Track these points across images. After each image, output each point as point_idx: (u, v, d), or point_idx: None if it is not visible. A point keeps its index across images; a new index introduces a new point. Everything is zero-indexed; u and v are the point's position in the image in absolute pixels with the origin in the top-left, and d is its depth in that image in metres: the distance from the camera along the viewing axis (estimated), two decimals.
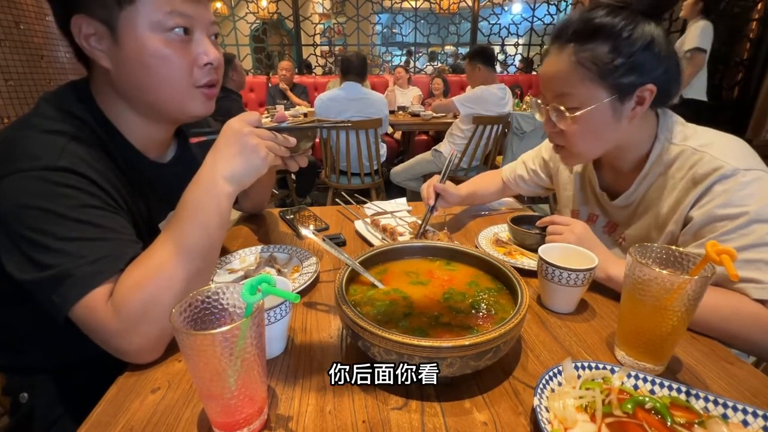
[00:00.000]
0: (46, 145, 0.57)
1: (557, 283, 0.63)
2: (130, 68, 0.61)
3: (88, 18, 0.58)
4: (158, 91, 0.63)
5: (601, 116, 0.72)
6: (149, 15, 0.59)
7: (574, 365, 0.48)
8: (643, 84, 0.69)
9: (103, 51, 0.60)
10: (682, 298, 0.47)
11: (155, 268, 0.53)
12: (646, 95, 0.70)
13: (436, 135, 4.06)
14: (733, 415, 0.43)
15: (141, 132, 0.69)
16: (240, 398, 0.41)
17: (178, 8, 0.60)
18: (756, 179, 0.65)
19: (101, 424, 0.45)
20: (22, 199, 0.53)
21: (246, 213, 1.11)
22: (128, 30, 0.59)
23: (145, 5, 0.58)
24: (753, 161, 0.68)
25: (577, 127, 0.74)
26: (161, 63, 0.61)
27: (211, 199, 0.56)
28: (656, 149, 0.77)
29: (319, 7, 7.45)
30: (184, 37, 0.62)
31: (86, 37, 0.59)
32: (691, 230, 0.70)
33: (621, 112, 0.72)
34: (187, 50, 0.63)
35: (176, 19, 0.60)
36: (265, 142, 0.59)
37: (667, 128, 0.77)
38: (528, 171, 1.15)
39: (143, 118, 0.68)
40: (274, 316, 0.51)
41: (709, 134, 0.74)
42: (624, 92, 0.70)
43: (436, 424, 0.44)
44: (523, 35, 5.53)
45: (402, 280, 0.63)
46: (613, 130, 0.74)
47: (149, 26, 0.59)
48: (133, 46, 0.59)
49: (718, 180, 0.66)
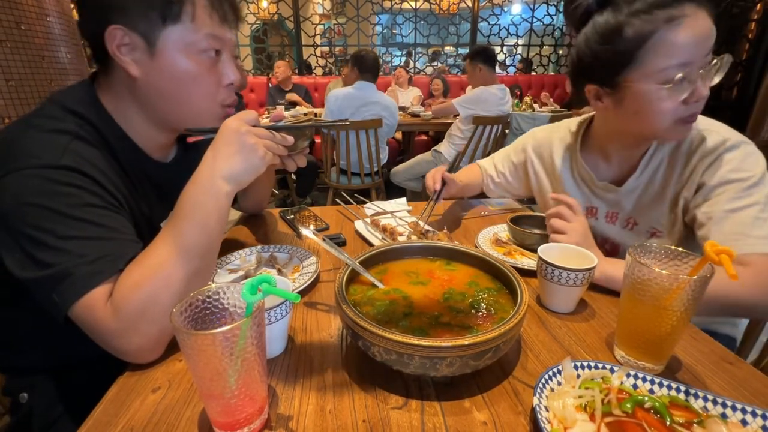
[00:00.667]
0: (49, 144, 0.57)
1: (557, 283, 0.63)
2: (161, 81, 0.64)
3: (126, 30, 0.60)
4: (183, 104, 0.67)
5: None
6: (188, 35, 0.63)
7: (573, 365, 0.48)
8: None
9: (135, 61, 0.62)
10: (682, 298, 0.47)
11: (154, 267, 0.53)
12: None
13: (436, 135, 4.07)
14: (732, 414, 0.43)
15: (147, 135, 0.71)
16: (240, 398, 0.41)
17: (215, 31, 0.65)
18: (755, 151, 0.75)
19: (102, 423, 0.45)
20: (24, 197, 0.53)
21: (246, 213, 1.11)
22: (166, 46, 0.62)
23: (187, 25, 0.62)
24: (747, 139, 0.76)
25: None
26: (192, 80, 0.65)
27: (210, 198, 0.57)
28: None
29: (319, 8, 7.46)
30: (215, 57, 0.66)
31: (119, 46, 0.61)
32: (703, 193, 0.75)
33: None
34: (215, 70, 0.67)
35: (211, 41, 0.65)
36: (264, 141, 0.59)
37: None
38: (497, 173, 1.16)
39: (153, 125, 0.70)
40: (275, 316, 0.51)
41: (705, 119, 0.80)
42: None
43: (436, 424, 0.44)
44: (522, 36, 5.54)
45: (402, 280, 0.63)
46: None
47: (186, 45, 0.63)
48: (168, 61, 0.63)
49: (727, 150, 0.74)
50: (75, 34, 1.83)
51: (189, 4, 0.62)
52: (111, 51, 0.61)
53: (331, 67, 5.77)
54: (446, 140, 2.96)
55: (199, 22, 0.63)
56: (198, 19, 0.63)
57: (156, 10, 0.60)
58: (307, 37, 5.26)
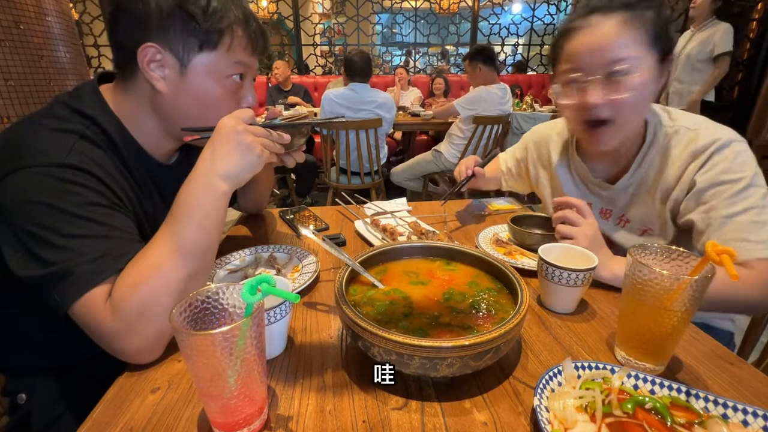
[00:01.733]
0: (55, 143, 0.58)
1: (557, 283, 0.63)
2: (185, 100, 0.67)
3: (161, 49, 0.62)
4: (202, 122, 0.68)
5: (652, 80, 0.74)
6: (220, 61, 0.66)
7: (574, 365, 0.48)
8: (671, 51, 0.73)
9: (163, 77, 0.64)
10: (682, 298, 0.47)
11: (152, 267, 0.53)
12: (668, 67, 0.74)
13: (436, 135, 4.07)
14: (733, 415, 0.43)
15: (156, 141, 0.72)
16: (240, 398, 0.41)
17: (244, 59, 0.68)
18: (746, 149, 0.74)
19: (101, 424, 0.45)
20: (28, 194, 0.53)
21: (246, 213, 1.11)
22: (196, 69, 0.65)
23: (221, 53, 0.65)
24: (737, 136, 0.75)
25: (634, 92, 0.72)
26: (216, 103, 0.68)
27: (208, 197, 0.56)
28: (650, 131, 0.80)
29: (319, 7, 7.45)
30: (239, 82, 0.70)
31: (149, 62, 0.63)
32: (694, 195, 0.74)
33: (661, 75, 0.75)
34: (237, 93, 0.70)
35: (239, 68, 0.68)
36: (260, 139, 0.59)
37: (653, 112, 0.81)
38: (507, 168, 1.19)
39: (166, 134, 0.72)
40: (274, 316, 0.51)
41: (695, 117, 0.81)
42: (663, 56, 0.73)
43: (436, 424, 0.44)
44: (523, 35, 5.53)
45: (402, 280, 0.63)
46: (653, 95, 0.76)
47: (216, 70, 0.66)
48: (195, 83, 0.66)
49: (717, 150, 0.73)
50: (74, 33, 1.83)
51: (228, 36, 0.65)
52: (141, 65, 0.62)
53: (331, 67, 5.77)
54: (446, 140, 2.96)
55: (233, 51, 0.66)
56: (233, 49, 0.66)
57: (195, 36, 0.63)
58: (306, 37, 5.25)
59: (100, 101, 0.66)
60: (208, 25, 0.63)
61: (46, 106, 0.64)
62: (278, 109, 0.90)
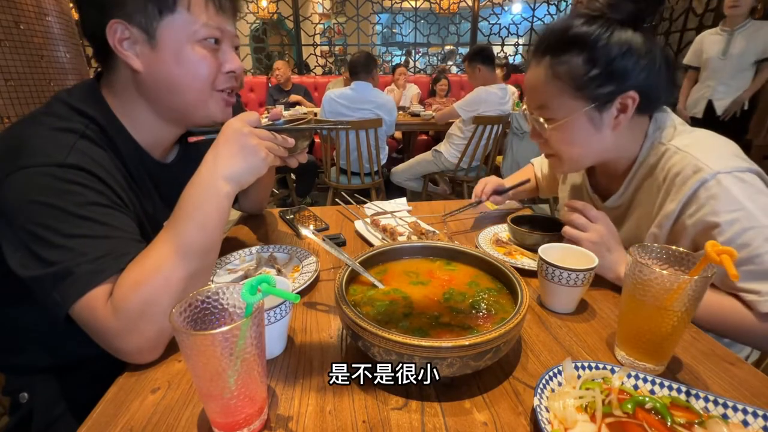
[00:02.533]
0: (55, 143, 0.58)
1: (557, 283, 0.63)
2: (163, 71, 0.65)
3: (125, 23, 0.61)
4: (186, 92, 0.67)
5: (581, 126, 0.72)
6: (186, 25, 0.63)
7: (574, 365, 0.48)
8: (624, 92, 0.69)
9: (136, 54, 0.63)
10: (683, 298, 0.47)
11: (153, 267, 0.53)
12: (629, 103, 0.70)
13: (437, 135, 4.06)
14: (733, 415, 0.43)
15: (151, 133, 0.71)
16: (240, 398, 0.41)
17: (212, 21, 0.65)
18: (738, 181, 0.63)
19: (101, 424, 0.45)
20: (29, 194, 0.53)
21: (246, 213, 1.11)
22: (165, 36, 0.63)
23: (183, 15, 0.63)
24: (733, 161, 0.66)
25: (559, 137, 0.75)
26: (193, 68, 0.66)
27: (210, 198, 0.56)
28: (644, 151, 0.76)
29: (319, 7, 7.45)
30: (214, 46, 0.67)
31: (120, 41, 0.62)
32: (687, 240, 0.68)
33: (602, 121, 0.72)
34: (215, 58, 0.68)
35: (209, 30, 0.65)
36: (265, 143, 0.60)
37: (659, 129, 0.76)
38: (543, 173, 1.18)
39: (159, 120, 0.71)
40: (274, 316, 0.51)
41: (695, 134, 0.73)
42: (603, 101, 0.70)
43: (436, 424, 0.44)
44: (523, 35, 5.53)
45: (402, 280, 0.63)
46: (596, 139, 0.74)
47: (185, 35, 0.64)
48: (169, 51, 0.64)
49: (700, 184, 0.65)
50: (74, 33, 1.83)
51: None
52: (113, 45, 0.61)
53: (331, 67, 5.76)
54: (446, 140, 2.96)
55: (195, 11, 0.63)
56: (194, 9, 0.63)
57: (151, 1, 0.61)
58: (306, 37, 5.25)
59: (99, 100, 0.66)
60: None
61: (44, 104, 0.64)
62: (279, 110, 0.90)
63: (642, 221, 0.78)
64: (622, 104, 0.70)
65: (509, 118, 2.82)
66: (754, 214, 0.61)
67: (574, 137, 0.74)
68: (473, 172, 2.92)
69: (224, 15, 0.67)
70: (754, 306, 0.62)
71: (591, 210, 0.73)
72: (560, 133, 0.74)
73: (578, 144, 0.75)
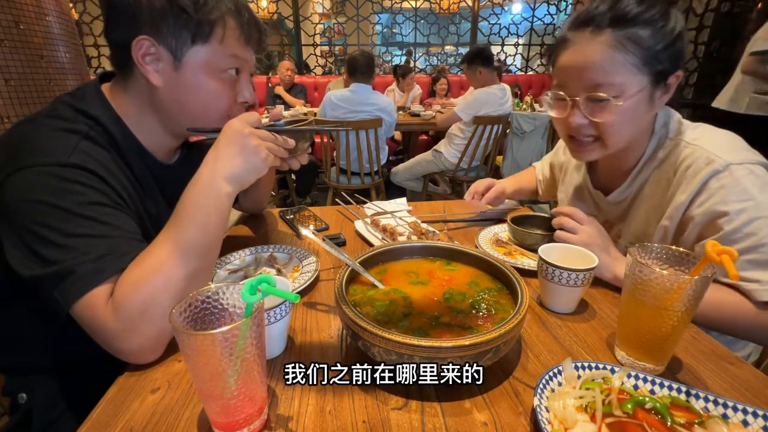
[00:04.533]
0: (58, 143, 0.58)
1: (557, 283, 0.63)
2: (182, 93, 0.66)
3: (154, 42, 0.62)
4: (198, 116, 0.68)
5: (641, 103, 0.70)
6: (214, 54, 0.65)
7: (574, 365, 0.48)
8: (675, 71, 0.69)
9: (158, 71, 0.64)
10: (683, 298, 0.47)
11: (153, 267, 0.53)
12: (673, 82, 0.70)
13: (436, 135, 4.06)
14: (733, 415, 0.43)
15: (157, 139, 0.72)
16: (240, 398, 0.41)
17: (238, 52, 0.67)
18: (749, 173, 0.65)
19: (101, 424, 0.45)
20: (31, 194, 0.53)
21: (246, 213, 1.11)
22: (191, 62, 0.65)
23: (214, 46, 0.65)
24: (744, 154, 0.68)
25: (618, 117, 0.70)
26: (211, 96, 0.68)
27: (211, 198, 0.56)
28: (652, 144, 0.77)
29: (319, 7, 7.45)
30: (234, 77, 0.69)
31: (144, 56, 0.63)
32: (694, 230, 0.69)
33: (654, 98, 0.71)
34: (233, 89, 0.70)
35: (233, 62, 0.67)
36: (266, 143, 0.60)
37: (665, 124, 0.77)
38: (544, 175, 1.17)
39: (166, 131, 0.72)
40: (274, 316, 0.51)
41: (702, 129, 0.75)
42: (660, 78, 0.70)
43: (436, 424, 0.44)
44: (523, 35, 5.53)
45: (402, 280, 0.63)
46: (645, 118, 0.73)
47: (210, 63, 0.66)
48: (190, 77, 0.65)
49: (712, 175, 0.66)
50: (74, 33, 1.82)
51: (220, 28, 0.64)
52: (135, 59, 0.62)
53: (331, 67, 5.76)
54: (446, 140, 2.96)
55: (226, 43, 0.65)
56: (226, 41, 0.65)
57: (188, 29, 0.62)
58: (306, 37, 5.25)
59: (103, 101, 0.66)
60: (199, 16, 0.63)
61: (48, 107, 0.64)
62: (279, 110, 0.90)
63: (650, 215, 0.78)
64: (668, 84, 0.70)
65: (509, 118, 2.82)
66: (762, 204, 0.63)
67: (632, 115, 0.71)
68: (473, 172, 2.92)
69: (251, 47, 0.69)
70: (754, 295, 0.62)
71: (578, 213, 0.74)
72: (624, 111, 0.69)
73: (632, 123, 0.72)
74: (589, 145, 0.77)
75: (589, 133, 0.75)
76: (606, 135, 0.73)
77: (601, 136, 0.74)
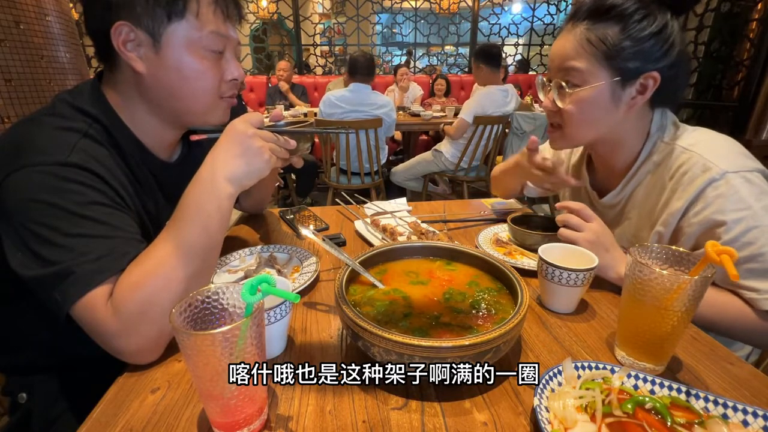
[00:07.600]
0: (57, 142, 0.58)
1: (557, 283, 0.63)
2: (167, 76, 0.65)
3: (132, 26, 0.61)
4: (188, 98, 0.67)
5: (601, 97, 0.72)
6: (192, 32, 0.63)
7: (574, 365, 0.48)
8: (647, 71, 0.69)
9: (140, 57, 0.63)
10: (682, 298, 0.47)
11: (154, 267, 0.53)
12: (649, 83, 0.70)
13: (437, 135, 4.06)
14: (733, 415, 0.43)
15: (153, 133, 0.71)
16: (240, 398, 0.41)
17: (218, 29, 0.65)
18: (745, 181, 0.64)
19: (101, 424, 0.45)
20: (30, 193, 0.53)
21: (246, 213, 1.11)
22: (171, 42, 0.63)
23: (191, 22, 0.63)
24: (741, 161, 0.67)
25: (578, 105, 0.73)
26: (197, 75, 0.66)
27: (212, 199, 0.56)
28: (647, 148, 0.77)
29: (319, 7, 7.45)
30: (218, 54, 0.67)
31: (124, 42, 0.62)
32: (690, 238, 0.69)
33: (620, 97, 0.72)
34: (219, 66, 0.68)
35: (214, 39, 0.65)
36: (269, 145, 0.60)
37: (661, 127, 0.77)
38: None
39: (160, 121, 0.71)
40: (274, 316, 0.51)
41: (698, 133, 0.74)
42: (627, 76, 0.70)
43: (436, 424, 0.44)
44: (523, 35, 5.52)
45: (402, 280, 0.63)
46: (609, 115, 0.73)
47: (190, 41, 0.64)
48: (173, 57, 0.64)
49: (708, 183, 0.66)
50: (74, 33, 1.83)
51: (193, 2, 0.63)
52: (116, 47, 0.61)
53: (331, 67, 5.76)
54: (447, 140, 2.96)
55: (203, 19, 0.64)
56: (202, 16, 0.63)
57: (161, 6, 0.61)
58: (306, 37, 5.25)
59: (102, 99, 0.66)
60: None
61: (48, 105, 0.64)
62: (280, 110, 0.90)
63: (643, 220, 0.78)
64: (642, 84, 0.71)
65: (509, 118, 2.82)
66: (759, 214, 0.62)
67: (592, 107, 0.73)
68: (473, 172, 2.92)
69: (230, 22, 0.68)
70: (754, 304, 0.62)
71: (586, 209, 0.73)
72: (580, 100, 0.73)
73: (592, 116, 0.74)
74: (554, 132, 0.81)
75: (556, 120, 0.79)
76: (564, 123, 0.77)
77: (561, 124, 0.78)
